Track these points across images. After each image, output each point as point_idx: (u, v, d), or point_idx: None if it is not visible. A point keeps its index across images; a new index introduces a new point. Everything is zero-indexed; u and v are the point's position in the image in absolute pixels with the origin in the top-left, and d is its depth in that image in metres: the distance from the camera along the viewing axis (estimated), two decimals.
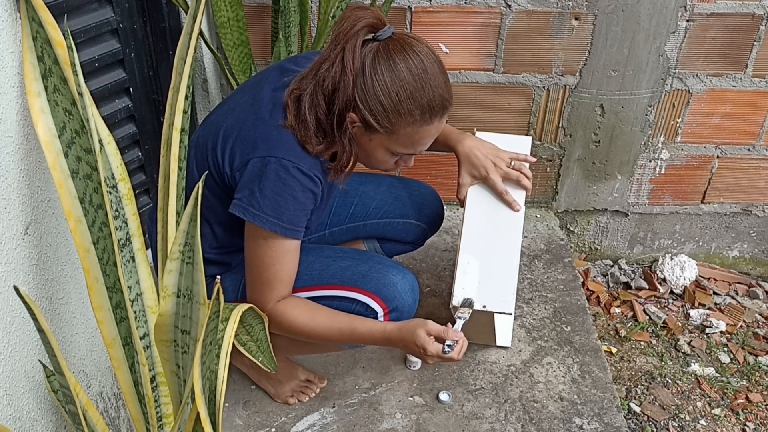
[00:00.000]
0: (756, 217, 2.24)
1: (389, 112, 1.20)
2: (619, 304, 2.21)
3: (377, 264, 1.41)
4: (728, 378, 1.98)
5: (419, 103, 1.20)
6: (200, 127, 1.40)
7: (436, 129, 1.27)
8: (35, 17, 0.96)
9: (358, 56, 1.18)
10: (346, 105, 1.21)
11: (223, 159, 1.28)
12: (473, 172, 1.52)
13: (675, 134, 2.08)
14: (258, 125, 1.27)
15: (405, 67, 1.18)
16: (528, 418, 1.61)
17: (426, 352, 1.29)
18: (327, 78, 1.20)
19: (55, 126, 0.99)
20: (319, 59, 1.24)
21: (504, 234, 1.49)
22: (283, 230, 1.26)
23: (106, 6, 1.51)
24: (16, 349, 1.07)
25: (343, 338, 1.36)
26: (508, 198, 1.51)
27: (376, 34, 1.20)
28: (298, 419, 1.60)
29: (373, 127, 1.22)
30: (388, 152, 1.29)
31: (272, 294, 1.32)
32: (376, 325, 1.35)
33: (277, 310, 1.33)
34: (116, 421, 1.41)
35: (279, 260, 1.30)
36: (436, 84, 1.21)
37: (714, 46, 1.92)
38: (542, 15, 1.89)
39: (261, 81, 1.35)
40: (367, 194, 1.65)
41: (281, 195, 1.23)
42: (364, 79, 1.19)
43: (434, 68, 1.21)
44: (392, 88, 1.18)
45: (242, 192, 1.25)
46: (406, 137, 1.25)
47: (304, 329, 1.34)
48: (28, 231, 1.08)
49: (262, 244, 1.28)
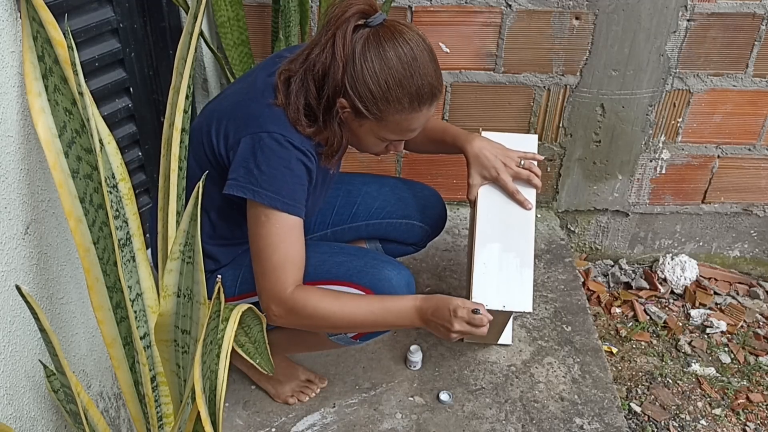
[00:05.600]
0: (757, 217, 2.23)
1: (378, 99, 1.21)
2: (619, 304, 2.21)
3: (373, 260, 1.40)
4: (729, 378, 1.97)
5: (408, 90, 1.21)
6: (197, 117, 1.41)
7: (425, 116, 1.28)
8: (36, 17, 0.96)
9: (349, 42, 1.18)
10: (336, 90, 1.21)
11: (217, 140, 1.29)
12: (483, 172, 1.51)
13: (676, 134, 2.08)
14: (250, 104, 1.28)
15: (394, 54, 1.19)
16: (528, 418, 1.61)
17: (456, 314, 1.27)
18: (317, 63, 1.21)
19: (55, 125, 0.99)
20: (310, 43, 1.25)
21: (517, 233, 1.48)
22: (283, 205, 1.24)
23: (107, 6, 1.51)
24: (17, 349, 1.07)
25: (372, 318, 1.31)
26: (520, 197, 1.50)
27: (367, 20, 1.20)
28: (298, 419, 1.60)
29: (363, 113, 1.23)
30: (378, 138, 1.30)
31: (287, 277, 1.27)
32: (405, 299, 1.33)
33: (298, 296, 1.27)
34: (116, 420, 1.41)
35: (285, 239, 1.26)
36: (426, 72, 1.22)
37: (715, 46, 1.92)
38: (543, 14, 1.88)
39: (256, 69, 1.37)
40: (370, 194, 1.65)
41: (277, 168, 1.23)
42: (354, 65, 1.19)
43: (424, 56, 1.22)
44: (381, 75, 1.19)
45: (237, 171, 1.24)
46: (395, 124, 1.26)
47: (331, 313, 1.29)
48: (29, 231, 1.08)
49: (265, 223, 1.25)
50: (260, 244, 1.27)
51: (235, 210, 1.33)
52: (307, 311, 1.28)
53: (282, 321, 1.30)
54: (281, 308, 1.28)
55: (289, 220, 1.26)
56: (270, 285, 1.27)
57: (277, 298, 1.27)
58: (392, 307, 1.32)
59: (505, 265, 1.44)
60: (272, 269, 1.26)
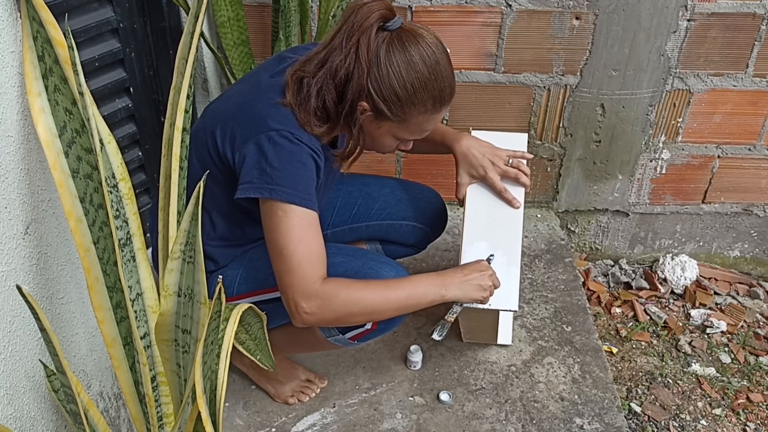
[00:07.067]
0: (757, 217, 2.23)
1: (403, 102, 1.22)
2: (619, 304, 2.21)
3: (370, 260, 1.41)
4: (729, 378, 1.97)
5: (432, 93, 1.23)
6: (199, 118, 1.41)
7: (441, 116, 1.31)
8: (36, 17, 0.96)
9: (373, 46, 1.19)
10: (359, 94, 1.22)
11: (223, 142, 1.28)
12: (471, 171, 1.52)
13: (676, 134, 2.08)
14: (255, 105, 1.28)
15: (419, 58, 1.20)
16: (528, 418, 1.61)
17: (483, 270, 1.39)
18: (341, 68, 1.21)
19: (55, 125, 0.99)
20: (329, 47, 1.24)
21: (505, 232, 1.49)
22: (301, 200, 1.22)
23: (107, 5, 1.51)
24: (17, 349, 1.07)
25: (406, 298, 1.32)
26: (508, 195, 1.51)
27: (386, 24, 1.21)
28: (298, 419, 1.60)
29: (385, 115, 1.24)
30: (395, 138, 1.32)
31: (314, 270, 1.24)
32: (429, 276, 1.37)
33: (328, 287, 1.25)
34: (116, 420, 1.41)
35: (306, 233, 1.23)
36: (447, 74, 1.25)
37: (715, 46, 1.92)
38: (543, 14, 1.88)
39: (259, 70, 1.37)
40: (370, 195, 1.65)
41: (290, 163, 1.23)
42: (379, 68, 1.20)
43: (444, 58, 1.24)
44: (407, 78, 1.20)
45: (251, 173, 1.23)
46: (416, 125, 1.28)
47: (364, 299, 1.28)
48: (29, 230, 1.08)
49: (284, 219, 1.22)
50: (282, 241, 1.23)
51: (239, 210, 1.32)
52: (339, 301, 1.25)
53: (314, 317, 1.26)
54: (313, 303, 1.24)
55: (307, 214, 1.24)
56: (298, 280, 1.23)
57: (308, 292, 1.24)
58: (420, 282, 1.35)
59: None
60: (298, 264, 1.23)
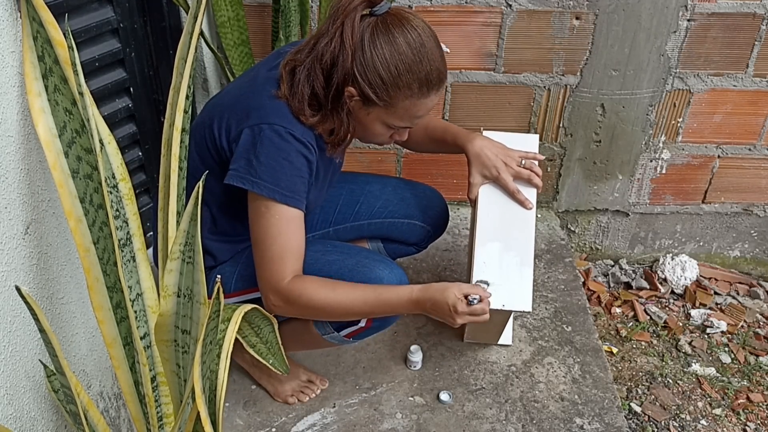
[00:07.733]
0: (757, 217, 2.23)
1: (388, 85, 1.22)
2: (619, 304, 2.21)
3: (365, 258, 1.41)
4: (729, 378, 1.97)
5: (417, 76, 1.22)
6: (199, 113, 1.42)
7: (432, 102, 1.29)
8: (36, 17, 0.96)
9: (357, 30, 1.20)
10: (345, 79, 1.22)
11: (219, 134, 1.30)
12: (484, 171, 1.51)
13: (676, 134, 2.08)
14: (251, 97, 1.29)
15: (404, 40, 1.20)
16: (529, 418, 1.61)
17: (457, 311, 1.28)
18: (326, 53, 1.22)
19: (55, 125, 0.99)
20: (316, 34, 1.26)
21: (518, 232, 1.49)
22: (282, 197, 1.26)
23: (107, 6, 1.51)
24: (17, 349, 1.07)
25: (367, 308, 1.33)
26: (520, 197, 1.50)
27: (373, 9, 1.21)
28: (298, 419, 1.60)
29: (372, 100, 1.24)
30: (385, 126, 1.31)
31: (284, 267, 1.29)
32: (401, 289, 1.33)
33: (294, 286, 1.29)
34: (117, 421, 1.41)
35: (284, 231, 1.28)
36: (433, 57, 1.24)
37: (715, 46, 1.92)
38: (543, 14, 1.88)
39: (258, 65, 1.39)
40: (372, 194, 1.66)
41: (276, 160, 1.24)
42: (363, 52, 1.20)
43: (431, 42, 1.24)
44: (391, 61, 1.20)
45: (238, 162, 1.26)
46: (403, 110, 1.27)
47: (326, 303, 1.30)
48: (29, 231, 1.08)
49: (264, 213, 1.27)
50: (259, 235, 1.29)
51: (238, 203, 1.33)
52: (302, 301, 1.30)
53: (280, 311, 1.32)
54: (278, 298, 1.30)
55: (287, 211, 1.27)
56: (268, 275, 1.30)
57: (275, 288, 1.30)
58: (388, 298, 1.33)
59: (505, 265, 1.44)
60: (270, 260, 1.29)
